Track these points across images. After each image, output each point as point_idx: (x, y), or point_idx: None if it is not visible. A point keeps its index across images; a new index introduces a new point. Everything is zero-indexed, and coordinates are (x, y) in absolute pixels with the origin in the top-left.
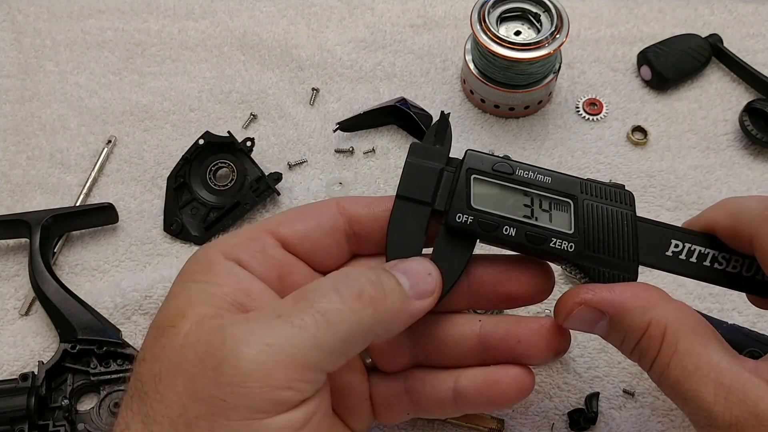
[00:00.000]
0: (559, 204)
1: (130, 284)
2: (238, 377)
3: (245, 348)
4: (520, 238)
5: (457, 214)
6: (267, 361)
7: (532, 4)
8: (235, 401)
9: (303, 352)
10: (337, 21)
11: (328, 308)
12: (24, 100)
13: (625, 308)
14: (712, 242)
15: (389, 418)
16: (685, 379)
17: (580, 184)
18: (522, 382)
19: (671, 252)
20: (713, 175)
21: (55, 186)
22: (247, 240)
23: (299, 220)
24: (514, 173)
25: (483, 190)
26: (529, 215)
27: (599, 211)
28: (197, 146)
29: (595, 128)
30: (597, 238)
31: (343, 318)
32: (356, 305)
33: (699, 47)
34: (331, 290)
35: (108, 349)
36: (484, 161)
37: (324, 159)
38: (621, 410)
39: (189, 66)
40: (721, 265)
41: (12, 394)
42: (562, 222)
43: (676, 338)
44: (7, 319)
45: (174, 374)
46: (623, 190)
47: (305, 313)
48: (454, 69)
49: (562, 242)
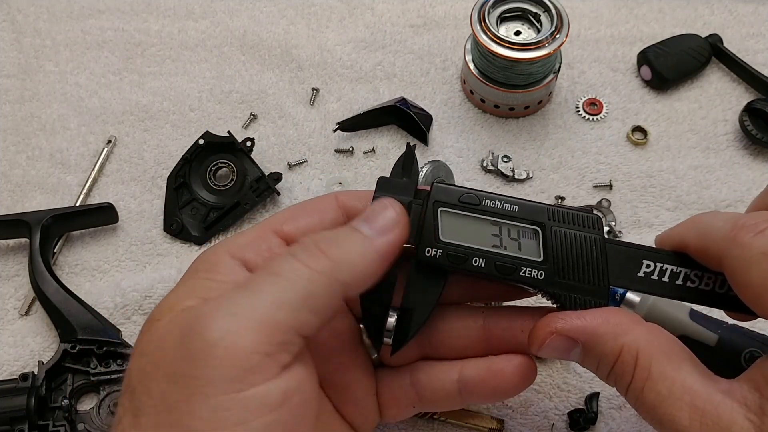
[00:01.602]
0: (527, 232)
1: (130, 284)
2: (206, 348)
3: (209, 320)
4: (489, 268)
5: (426, 248)
6: (231, 328)
7: (532, 4)
8: (208, 374)
9: (265, 313)
10: (337, 21)
11: (283, 267)
12: (24, 100)
13: (596, 335)
14: (684, 260)
15: (395, 414)
16: (660, 404)
17: (548, 210)
18: (525, 371)
19: (643, 273)
20: (713, 175)
21: (55, 186)
22: (253, 240)
23: (302, 216)
24: (480, 204)
25: (451, 223)
26: (498, 244)
27: (567, 237)
28: (197, 146)
29: (595, 128)
30: (566, 265)
31: (298, 274)
32: (311, 260)
33: (699, 47)
34: (287, 255)
35: (108, 349)
36: (450, 193)
37: (324, 159)
38: (621, 410)
39: (189, 66)
40: (694, 283)
41: (12, 394)
42: (531, 250)
43: (649, 362)
44: (7, 319)
45: (156, 366)
46: (591, 214)
47: (263, 277)
48: (454, 69)
49: (531, 270)
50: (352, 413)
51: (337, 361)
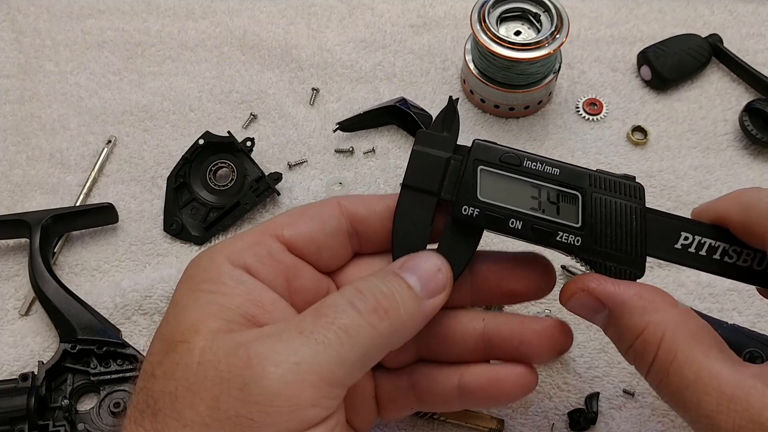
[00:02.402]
0: (566, 197)
1: (130, 284)
2: (267, 396)
3: (272, 367)
4: (526, 231)
5: (463, 206)
6: (295, 380)
7: (532, 4)
8: (264, 420)
9: (328, 369)
10: (337, 21)
11: (349, 324)
12: (24, 100)
13: (624, 305)
14: (723, 235)
15: (393, 414)
16: (686, 388)
17: (589, 176)
18: (525, 381)
19: (680, 245)
20: (713, 175)
21: (55, 186)
22: (252, 244)
23: (303, 221)
24: (521, 164)
25: (490, 182)
26: (536, 207)
27: (608, 204)
28: (197, 146)
29: (595, 128)
30: (604, 232)
31: (363, 333)
32: (373, 319)
33: (699, 47)
34: (348, 306)
35: (108, 349)
36: (491, 152)
37: (324, 159)
38: (621, 410)
39: (189, 66)
40: (732, 259)
41: (12, 394)
42: (570, 215)
43: (676, 345)
44: (7, 319)
45: (193, 393)
46: (633, 182)
47: (327, 329)
48: (454, 69)
49: (568, 236)
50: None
51: None
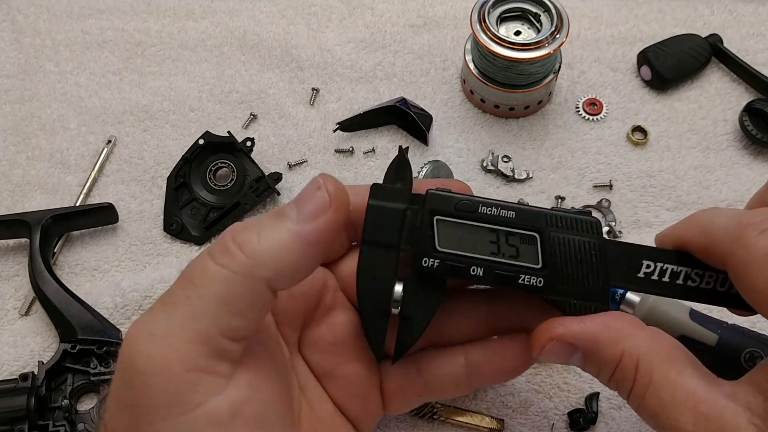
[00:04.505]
0: (525, 238)
1: (130, 284)
2: (141, 377)
3: (135, 345)
4: (488, 277)
5: (423, 258)
6: (154, 351)
7: (532, 4)
8: (148, 403)
9: (184, 327)
10: (337, 21)
11: (197, 273)
12: (24, 100)
13: (596, 341)
14: (685, 259)
15: (401, 405)
16: (663, 410)
17: (546, 215)
18: (530, 348)
19: (643, 273)
20: (713, 175)
21: (55, 186)
22: None
23: None
24: (477, 211)
25: (447, 231)
26: (496, 252)
27: (566, 242)
28: (197, 146)
29: (595, 128)
30: (565, 271)
31: (212, 277)
32: (225, 259)
33: (699, 47)
34: (204, 255)
35: (108, 349)
36: (445, 201)
37: (324, 159)
38: (621, 410)
39: (189, 66)
40: (695, 282)
41: (12, 394)
42: (530, 257)
43: (651, 368)
44: (7, 319)
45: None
46: (589, 217)
47: (178, 288)
48: (454, 69)
49: (530, 278)
50: (355, 409)
51: (337, 354)
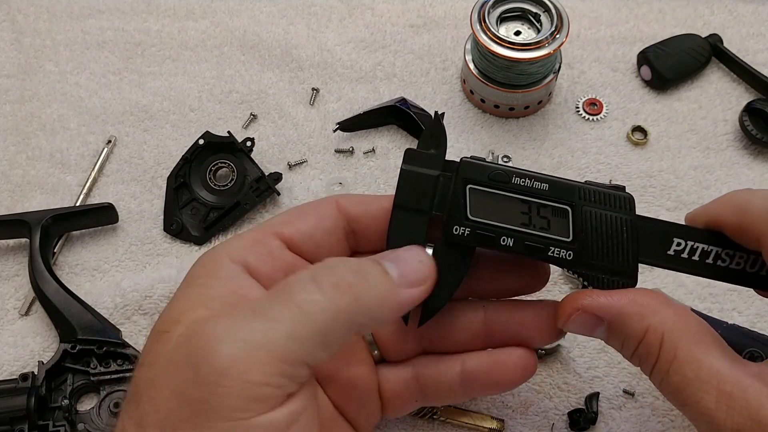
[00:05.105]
0: (557, 211)
1: (130, 284)
2: (216, 376)
3: (219, 345)
4: (518, 247)
5: (454, 226)
6: (243, 356)
7: (532, 4)
8: (215, 402)
9: (279, 345)
10: (337, 21)
11: (305, 299)
12: (24, 100)
13: (622, 314)
14: (715, 238)
15: (398, 409)
16: (686, 386)
17: (579, 189)
18: (526, 363)
19: (673, 251)
20: (713, 175)
21: (55, 186)
22: (253, 243)
23: (302, 220)
24: (510, 181)
25: (479, 201)
26: (527, 223)
27: (598, 217)
28: (197, 146)
29: (595, 128)
30: (596, 245)
31: (319, 308)
32: (334, 294)
33: (699, 47)
34: (309, 281)
35: (108, 349)
36: (479, 170)
37: (324, 159)
38: (621, 410)
39: (189, 66)
40: (725, 262)
41: (12, 394)
42: (561, 229)
43: (675, 345)
44: (7, 319)
45: (164, 378)
46: (623, 192)
47: (282, 305)
48: (454, 69)
49: (560, 251)
50: (354, 411)
51: (338, 359)
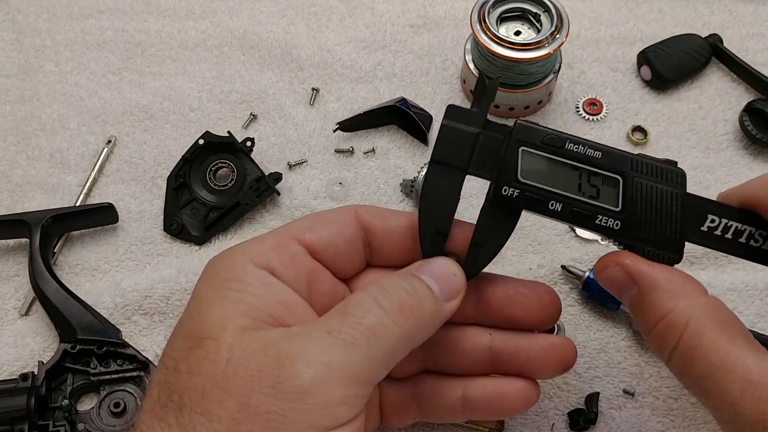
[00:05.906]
0: (607, 180)
1: (130, 284)
2: (299, 395)
3: (304, 367)
4: (565, 213)
5: (503, 186)
6: (326, 379)
7: (532, 4)
8: (295, 416)
9: (357, 368)
10: (337, 21)
11: (376, 323)
12: (24, 100)
13: (654, 285)
14: (750, 218)
15: (396, 422)
16: (710, 375)
17: (631, 160)
18: (528, 395)
19: (707, 227)
20: (713, 175)
21: (55, 186)
22: (275, 247)
23: (323, 226)
24: (563, 147)
25: (531, 164)
26: (577, 190)
27: (648, 189)
28: (197, 146)
29: (595, 128)
30: (644, 217)
31: (389, 332)
32: (399, 318)
33: (699, 47)
34: (374, 305)
35: (108, 349)
36: (533, 133)
37: (324, 159)
38: (621, 410)
39: (189, 66)
40: (757, 243)
41: (12, 394)
42: (610, 199)
43: (701, 332)
44: (7, 319)
45: (222, 389)
46: (675, 167)
47: (355, 329)
48: (454, 69)
49: (608, 220)
50: None
51: None
